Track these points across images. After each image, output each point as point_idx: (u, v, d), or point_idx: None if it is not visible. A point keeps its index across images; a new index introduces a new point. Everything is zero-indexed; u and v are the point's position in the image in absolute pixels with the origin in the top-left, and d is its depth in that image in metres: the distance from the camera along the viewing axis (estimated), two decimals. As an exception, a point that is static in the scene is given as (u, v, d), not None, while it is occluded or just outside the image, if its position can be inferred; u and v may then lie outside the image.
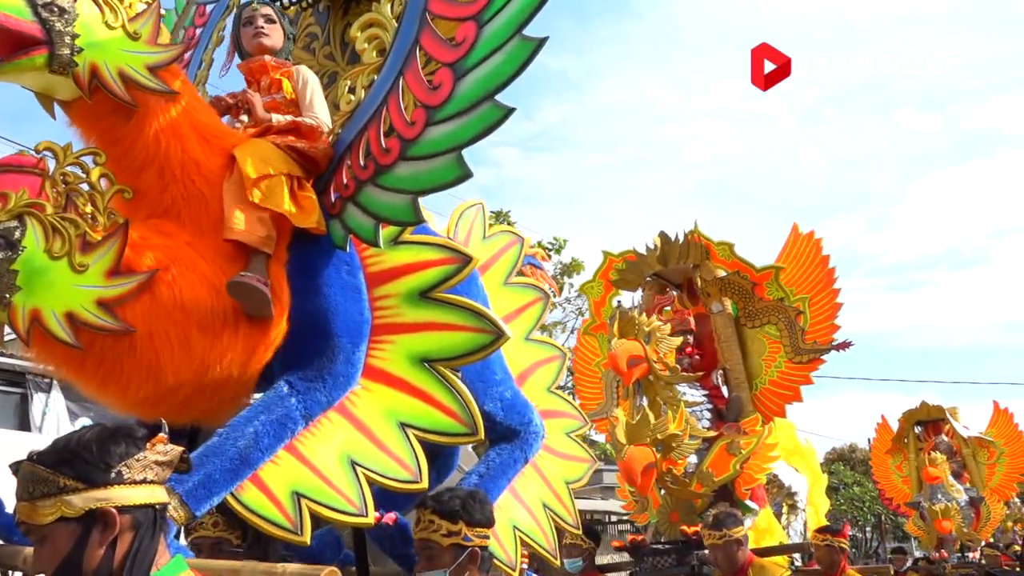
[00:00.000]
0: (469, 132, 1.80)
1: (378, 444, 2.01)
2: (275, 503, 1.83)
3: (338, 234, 2.05)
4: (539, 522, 2.63)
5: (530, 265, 3.15)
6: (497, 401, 2.55)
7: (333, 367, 2.02)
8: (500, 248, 2.85)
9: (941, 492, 7.34)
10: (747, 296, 5.63)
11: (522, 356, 2.80)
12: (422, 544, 1.85)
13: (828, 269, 5.73)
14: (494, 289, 2.72)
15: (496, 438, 2.65)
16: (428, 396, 2.09)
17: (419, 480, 2.00)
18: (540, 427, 2.71)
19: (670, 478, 4.88)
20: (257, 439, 1.86)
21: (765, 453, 5.24)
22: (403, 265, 2.13)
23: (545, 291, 2.95)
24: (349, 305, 2.06)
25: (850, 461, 23.02)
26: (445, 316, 2.11)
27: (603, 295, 5.79)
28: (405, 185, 1.91)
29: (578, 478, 2.87)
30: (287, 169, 2.01)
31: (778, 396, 5.47)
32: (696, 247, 5.52)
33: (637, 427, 4.66)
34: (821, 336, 5.57)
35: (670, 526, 4.96)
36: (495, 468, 2.55)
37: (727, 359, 5.51)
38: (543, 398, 2.85)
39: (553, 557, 2.66)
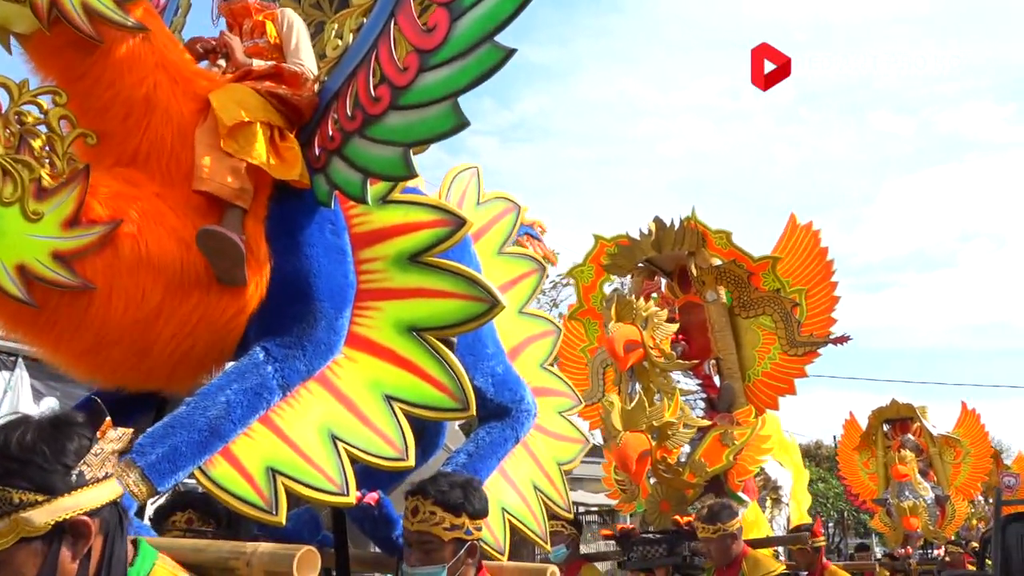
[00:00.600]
0: (466, 77, 1.62)
1: (361, 418, 1.83)
2: (247, 479, 1.65)
3: (322, 190, 1.86)
4: (529, 505, 2.46)
5: (527, 236, 2.96)
6: (488, 376, 2.36)
7: (314, 334, 1.83)
8: (495, 215, 2.65)
9: (909, 489, 7.40)
10: (742, 286, 5.48)
11: (515, 330, 2.61)
12: (420, 537, 1.66)
13: (826, 262, 5.59)
14: (487, 258, 2.52)
15: (486, 415, 2.46)
16: (416, 367, 1.91)
17: (405, 458, 1.82)
18: (532, 405, 2.52)
19: (663, 466, 4.73)
20: (229, 409, 1.67)
21: (759, 445, 5.11)
22: (392, 226, 1.95)
23: (541, 262, 2.76)
24: (333, 267, 1.87)
25: (815, 458, 23.19)
26: (436, 282, 1.93)
27: (593, 280, 5.62)
28: (396, 136, 1.72)
29: (571, 459, 2.69)
30: (266, 117, 1.82)
31: (771, 388, 5.33)
32: (692, 234, 5.36)
33: (633, 413, 4.51)
34: (818, 329, 5.43)
35: (659, 515, 4.81)
36: (485, 447, 2.37)
37: (720, 349, 5.36)
38: (536, 375, 2.66)
39: (544, 542, 2.48)
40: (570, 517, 2.73)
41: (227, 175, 1.73)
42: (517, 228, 2.71)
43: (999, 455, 12.43)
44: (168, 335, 1.72)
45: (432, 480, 1.73)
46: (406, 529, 1.66)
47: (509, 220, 2.68)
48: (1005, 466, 12.11)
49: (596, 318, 5.52)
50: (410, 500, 1.67)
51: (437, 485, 1.70)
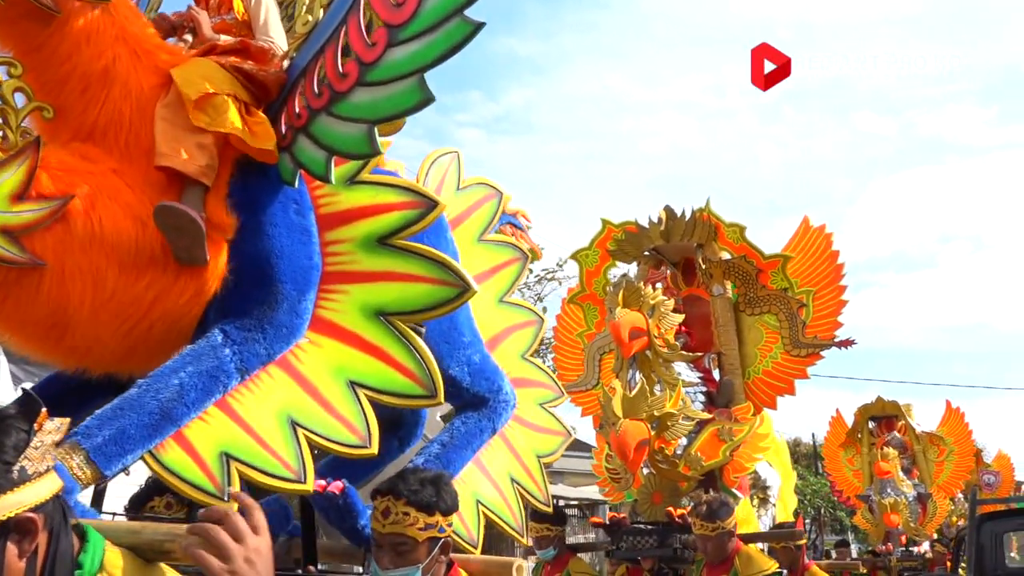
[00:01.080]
0: (434, 52, 1.53)
1: (323, 404, 1.75)
2: (199, 464, 1.58)
3: (287, 168, 1.77)
4: (506, 497, 2.37)
5: (509, 225, 2.86)
6: (464, 365, 2.28)
7: (275, 316, 1.75)
8: (476, 201, 2.55)
9: (891, 486, 7.36)
10: (749, 282, 5.34)
11: (495, 319, 2.51)
12: (394, 539, 1.58)
13: (836, 265, 5.44)
14: (466, 245, 2.43)
15: (462, 405, 2.38)
16: (383, 353, 1.83)
17: (368, 445, 1.74)
18: (511, 395, 2.43)
19: (660, 457, 4.63)
20: (182, 392, 1.60)
21: (756, 443, 4.99)
22: (360, 207, 1.86)
23: (524, 251, 2.65)
24: (296, 248, 1.79)
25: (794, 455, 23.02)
26: (405, 265, 1.85)
27: (598, 265, 5.49)
28: (362, 113, 1.64)
29: (551, 451, 2.60)
30: (232, 91, 1.74)
31: (771, 387, 5.21)
32: (704, 226, 5.22)
33: (634, 401, 4.41)
34: (822, 331, 5.30)
35: (651, 506, 4.72)
36: (460, 438, 2.29)
37: (723, 343, 5.23)
38: (516, 365, 2.56)
39: (520, 535, 2.39)
40: (548, 510, 2.63)
41: (192, 150, 1.66)
42: (499, 215, 2.61)
43: (980, 454, 12.30)
44: (123, 315, 1.65)
45: (401, 479, 1.64)
46: (376, 531, 1.57)
47: (490, 207, 2.58)
48: (985, 464, 11.97)
49: (597, 303, 5.41)
50: (379, 501, 1.58)
51: (408, 484, 1.61)
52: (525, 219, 2.97)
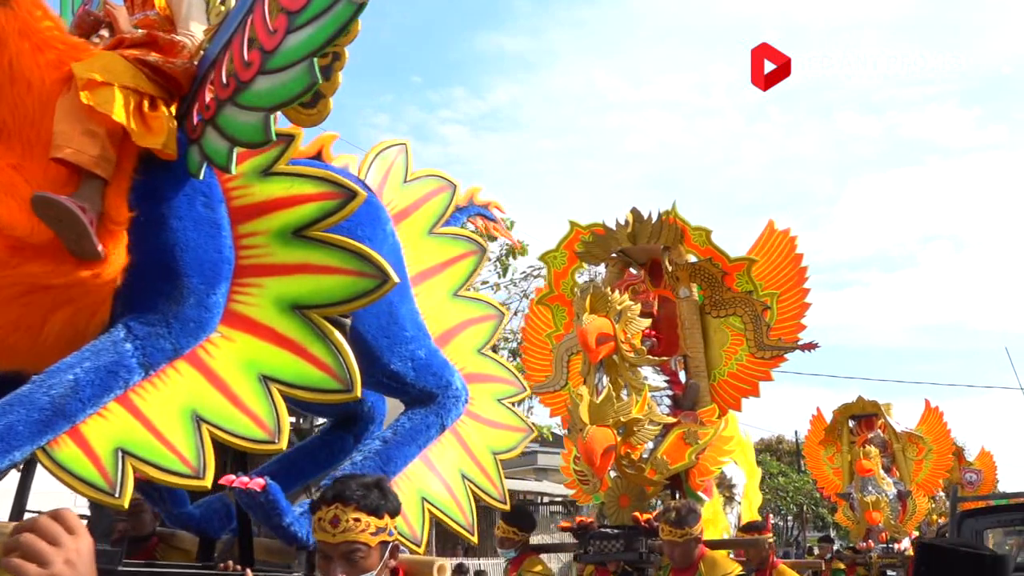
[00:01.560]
0: (323, 35, 1.49)
1: (231, 399, 1.69)
2: (93, 460, 1.51)
3: (194, 160, 1.71)
4: (455, 494, 2.29)
5: (480, 217, 2.78)
6: (407, 360, 2.21)
7: (181, 311, 1.69)
8: (425, 194, 2.48)
9: (872, 484, 7.35)
10: (715, 285, 5.30)
11: (448, 313, 2.45)
12: (347, 547, 1.48)
13: (800, 268, 5.40)
14: (415, 238, 2.37)
15: (409, 401, 2.31)
16: (298, 347, 1.76)
17: (276, 440, 1.68)
18: (461, 391, 2.36)
19: (627, 462, 4.58)
20: (77, 388, 1.53)
21: (721, 446, 4.94)
22: (274, 199, 1.80)
23: (480, 244, 2.56)
24: (204, 241, 1.73)
25: (777, 452, 23.11)
26: (322, 257, 1.79)
27: (565, 267, 5.45)
28: (261, 102, 1.59)
29: (509, 448, 2.51)
30: (135, 84, 1.68)
31: (736, 389, 5.14)
32: (670, 228, 5.19)
33: (600, 407, 4.35)
34: (786, 334, 5.25)
35: (618, 510, 4.66)
36: (403, 434, 2.21)
37: (689, 346, 5.18)
38: (472, 360, 2.49)
39: (469, 533, 2.31)
40: (504, 507, 2.55)
41: (84, 142, 1.60)
42: (452, 208, 2.54)
43: (962, 452, 12.31)
44: (21, 310, 1.59)
45: (343, 485, 1.53)
46: (325, 543, 1.47)
47: (442, 199, 2.51)
48: (967, 463, 11.98)
49: (565, 304, 5.36)
50: (325, 510, 1.48)
51: (353, 489, 1.51)
52: (498, 210, 2.89)
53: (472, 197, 2.76)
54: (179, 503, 2.20)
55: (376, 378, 2.20)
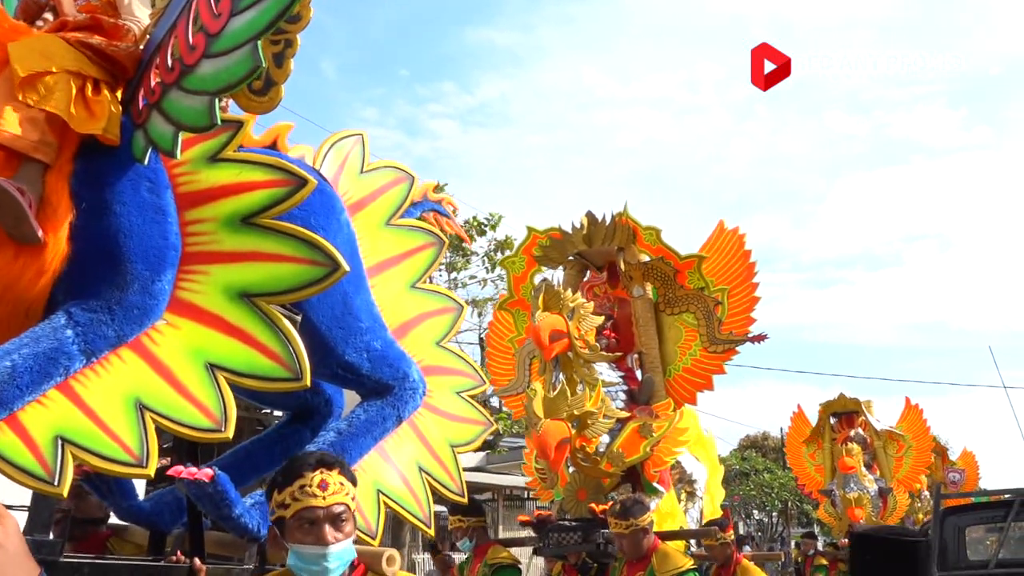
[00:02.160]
0: (266, 17, 1.46)
1: (177, 387, 1.65)
2: (31, 448, 1.46)
3: (139, 145, 1.67)
4: (411, 486, 2.27)
5: (434, 213, 2.78)
6: (363, 352, 2.18)
7: (124, 297, 1.64)
8: (382, 185, 2.44)
9: (854, 481, 7.42)
10: (668, 283, 5.40)
11: (405, 305, 2.42)
12: (338, 509, 1.45)
13: (749, 264, 5.53)
14: (371, 229, 2.33)
15: (365, 393, 2.27)
16: (246, 335, 1.73)
17: (222, 429, 1.64)
18: (419, 383, 2.34)
19: (582, 455, 4.62)
20: (14, 375, 1.48)
21: (675, 437, 5.02)
22: (222, 186, 1.77)
23: (439, 236, 2.53)
24: (148, 227, 1.69)
25: (762, 448, 23.59)
26: (270, 245, 1.75)
27: (524, 271, 5.50)
28: (205, 86, 1.55)
29: (467, 441, 2.49)
30: (77, 67, 1.63)
31: (691, 383, 5.25)
32: (623, 229, 5.28)
33: (554, 401, 4.39)
34: (737, 327, 5.37)
35: (576, 503, 4.70)
36: (359, 425, 2.18)
37: (644, 343, 5.27)
38: (430, 352, 2.47)
39: (425, 525, 2.28)
40: (462, 500, 2.54)
41: (22, 126, 1.54)
42: (409, 200, 2.52)
43: (946, 452, 12.62)
44: None
45: (316, 454, 1.52)
46: (314, 508, 1.42)
47: (399, 191, 2.48)
48: (951, 462, 12.33)
49: (526, 309, 5.40)
50: (310, 476, 1.44)
51: (328, 457, 1.50)
52: (451, 206, 2.89)
53: (426, 193, 2.75)
54: (128, 496, 2.14)
55: (331, 369, 2.17)
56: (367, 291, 2.26)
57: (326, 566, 1.42)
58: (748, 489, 21.74)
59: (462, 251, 11.32)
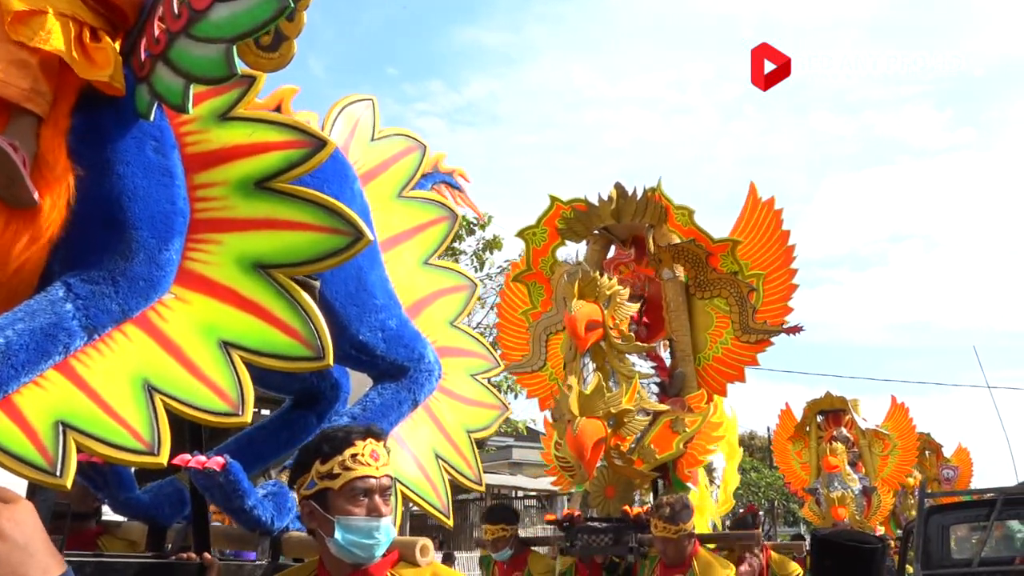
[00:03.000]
0: None
1: (188, 366, 1.49)
2: (29, 435, 1.31)
3: (143, 100, 1.51)
4: (429, 475, 2.12)
5: (445, 185, 2.61)
6: (377, 331, 2.03)
7: (130, 268, 1.49)
8: (394, 154, 2.29)
9: (838, 480, 7.36)
10: (700, 265, 5.13)
11: (418, 282, 2.27)
12: (389, 482, 1.40)
13: (787, 247, 5.22)
14: (383, 201, 2.18)
15: (379, 375, 2.13)
16: (262, 309, 1.58)
17: (239, 412, 1.49)
18: (435, 364, 2.19)
19: (616, 454, 4.43)
20: (8, 353, 1.33)
21: (710, 433, 4.80)
22: (234, 146, 1.61)
23: (452, 210, 2.39)
24: (155, 191, 1.53)
25: (749, 448, 23.33)
26: (288, 211, 1.60)
27: (546, 243, 5.23)
28: (221, 32, 1.39)
29: (484, 426, 2.34)
30: (72, 11, 1.48)
31: (721, 374, 4.96)
32: (655, 206, 5.00)
33: (591, 399, 4.20)
34: (772, 317, 5.09)
35: (604, 501, 4.51)
36: (374, 409, 2.04)
37: (675, 329, 5.02)
38: (444, 333, 2.32)
39: (444, 515, 2.14)
40: (481, 489, 2.39)
41: (12, 72, 1.39)
42: (422, 169, 2.35)
43: (940, 449, 12.44)
44: None
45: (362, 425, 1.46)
46: (367, 477, 1.35)
47: (412, 160, 2.32)
48: (945, 459, 12.11)
49: (543, 282, 5.19)
50: (361, 444, 1.37)
51: (375, 427, 1.46)
52: (463, 178, 2.73)
53: (437, 164, 2.59)
54: (126, 487, 2.00)
55: (343, 350, 2.01)
56: (381, 267, 2.11)
57: (378, 539, 1.33)
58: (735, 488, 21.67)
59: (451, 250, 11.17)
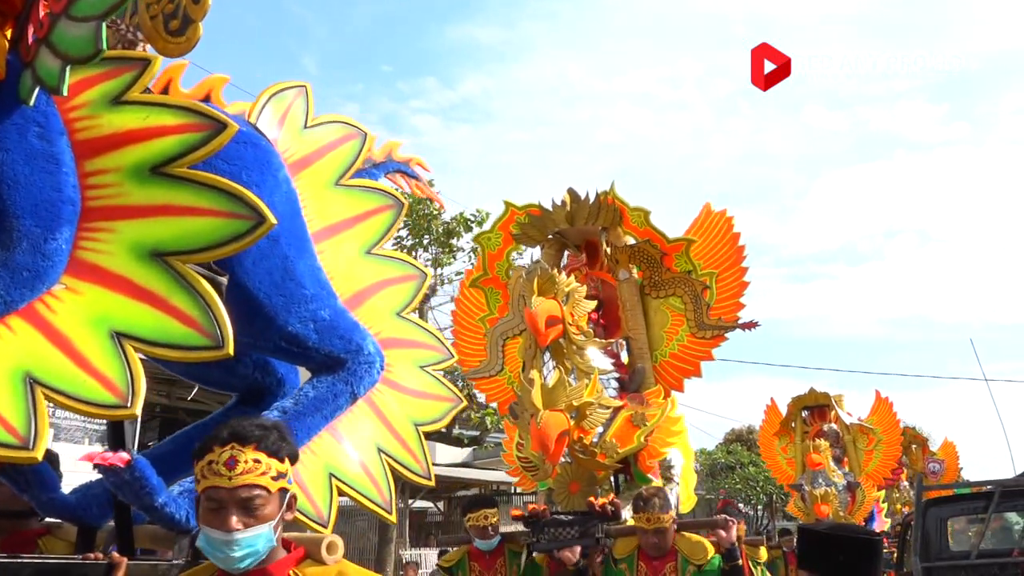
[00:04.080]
0: None
1: (75, 358, 1.42)
2: None
3: (25, 85, 1.45)
4: (369, 470, 2.04)
5: (401, 174, 2.54)
6: (308, 322, 1.96)
7: (11, 257, 1.41)
8: (330, 141, 2.21)
9: (822, 477, 7.37)
10: (654, 266, 5.15)
11: (360, 272, 2.19)
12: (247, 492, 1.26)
13: (738, 247, 5.28)
14: (318, 189, 2.10)
15: (315, 368, 2.05)
16: (158, 298, 1.50)
17: (127, 405, 1.42)
18: (375, 355, 2.11)
19: (580, 447, 4.39)
20: None
21: (669, 427, 4.80)
22: (127, 131, 1.54)
23: (397, 198, 2.30)
24: (38, 178, 1.46)
25: (747, 442, 23.46)
26: (185, 197, 1.53)
27: (500, 248, 5.22)
28: (93, 9, 1.34)
29: (434, 419, 2.26)
30: None
31: (678, 370, 4.98)
32: (608, 209, 5.01)
33: (553, 391, 4.15)
34: (726, 313, 5.13)
35: (568, 496, 4.46)
36: (306, 404, 1.96)
37: (631, 328, 5.03)
38: (389, 323, 2.24)
39: (385, 511, 2.06)
40: (430, 484, 2.30)
41: None
42: (363, 157, 2.27)
43: (926, 443, 12.58)
44: None
45: (237, 424, 1.31)
46: (218, 488, 1.25)
47: (350, 148, 2.24)
48: (931, 452, 12.26)
49: (499, 287, 5.15)
50: (218, 451, 1.26)
51: (248, 429, 1.30)
52: (422, 167, 2.65)
53: (391, 152, 2.52)
54: (48, 487, 1.90)
55: (273, 342, 1.95)
56: (312, 255, 2.04)
57: (230, 554, 1.22)
58: (733, 483, 21.60)
59: (448, 247, 11.12)
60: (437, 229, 10.88)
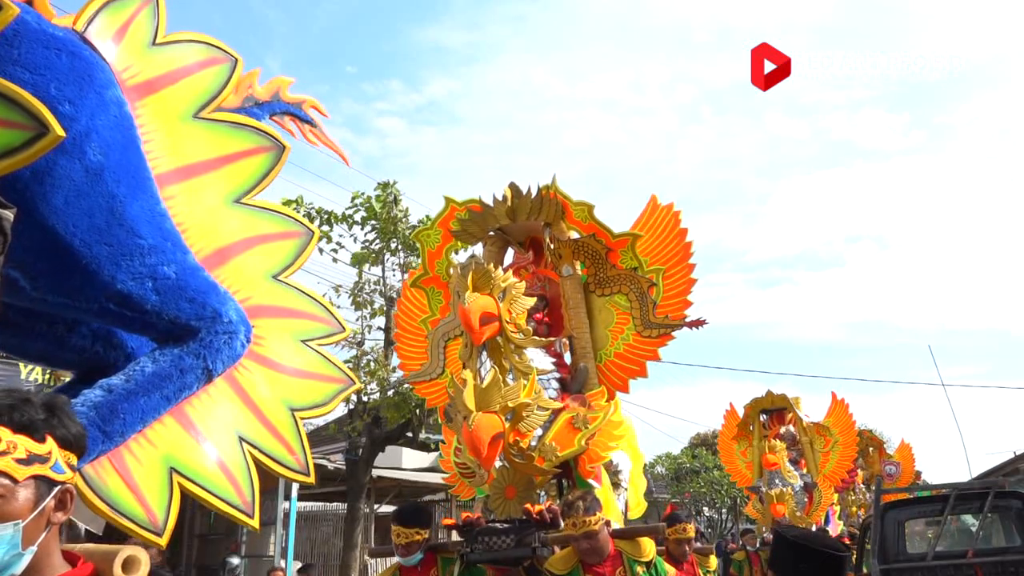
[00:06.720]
0: None
1: None
2: None
3: None
4: (227, 465, 1.63)
5: (289, 116, 2.10)
6: (145, 279, 1.55)
7: None
8: (187, 64, 1.81)
9: (778, 478, 7.30)
10: (599, 262, 4.82)
11: (225, 225, 1.80)
12: None
13: (686, 243, 4.99)
14: (170, 120, 1.71)
15: (160, 338, 1.64)
16: None
17: None
18: (238, 325, 1.71)
19: (516, 451, 3.98)
20: None
21: (611, 430, 4.45)
22: None
23: (278, 140, 1.91)
24: None
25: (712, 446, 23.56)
26: None
27: (440, 245, 4.85)
28: None
29: (317, 403, 1.85)
30: None
31: (623, 370, 4.63)
32: (550, 203, 4.67)
33: (487, 392, 3.75)
34: (673, 311, 4.81)
35: (504, 502, 4.05)
36: (141, 380, 1.54)
37: (574, 326, 4.67)
38: (262, 288, 1.84)
39: (245, 514, 1.64)
40: (309, 480, 1.84)
41: None
42: (231, 87, 1.85)
43: (883, 445, 12.71)
44: None
45: None
46: None
47: (214, 75, 1.84)
48: (887, 455, 12.37)
49: (441, 287, 4.75)
50: None
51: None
52: (318, 111, 2.20)
53: (279, 91, 2.09)
54: None
55: (98, 303, 1.50)
56: (153, 198, 1.61)
57: None
58: (699, 486, 21.61)
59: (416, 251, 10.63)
60: (404, 232, 10.38)
